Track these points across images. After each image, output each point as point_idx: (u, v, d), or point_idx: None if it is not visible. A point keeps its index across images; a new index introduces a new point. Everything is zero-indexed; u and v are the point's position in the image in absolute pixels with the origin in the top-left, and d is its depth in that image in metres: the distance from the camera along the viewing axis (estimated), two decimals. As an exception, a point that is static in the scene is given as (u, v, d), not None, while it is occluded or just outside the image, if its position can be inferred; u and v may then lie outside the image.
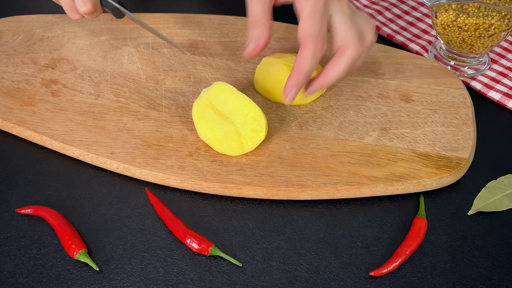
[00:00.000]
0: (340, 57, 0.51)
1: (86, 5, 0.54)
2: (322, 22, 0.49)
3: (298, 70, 0.49)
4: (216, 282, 0.46)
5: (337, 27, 0.50)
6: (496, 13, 0.58)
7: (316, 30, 0.48)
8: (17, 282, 0.46)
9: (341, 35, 0.50)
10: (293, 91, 0.50)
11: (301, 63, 0.49)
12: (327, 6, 0.49)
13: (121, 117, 0.57)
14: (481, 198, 0.53)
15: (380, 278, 0.47)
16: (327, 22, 0.50)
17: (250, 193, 0.51)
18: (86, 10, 0.54)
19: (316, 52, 0.49)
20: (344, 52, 0.50)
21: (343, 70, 0.51)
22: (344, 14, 0.50)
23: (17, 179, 0.54)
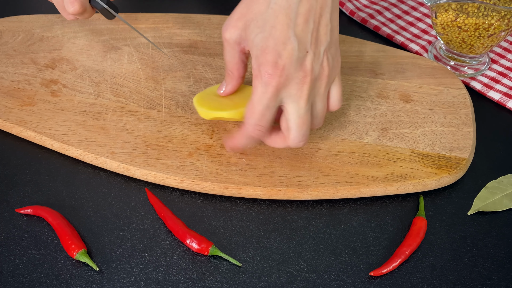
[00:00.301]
0: (280, 140, 0.49)
1: (73, 6, 0.53)
2: (265, 112, 0.45)
3: (233, 141, 0.49)
4: (216, 282, 0.46)
5: (286, 117, 0.47)
6: (496, 13, 0.58)
7: (254, 121, 0.46)
8: (17, 282, 0.46)
9: (284, 127, 0.47)
10: (228, 148, 0.51)
11: (235, 139, 0.49)
12: (279, 93, 0.45)
13: (121, 117, 0.57)
14: (481, 198, 0.53)
15: (380, 278, 0.47)
16: (275, 108, 0.46)
17: (250, 193, 0.51)
18: (74, 10, 0.53)
19: (250, 138, 0.47)
20: (285, 140, 0.48)
21: (278, 147, 0.50)
22: (299, 106, 0.45)
23: (17, 179, 0.54)
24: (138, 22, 0.69)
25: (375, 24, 0.74)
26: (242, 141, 0.48)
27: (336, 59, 0.47)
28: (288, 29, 0.43)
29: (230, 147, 0.50)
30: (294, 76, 0.44)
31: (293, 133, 0.47)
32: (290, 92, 0.45)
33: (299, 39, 0.44)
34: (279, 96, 0.45)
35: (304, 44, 0.44)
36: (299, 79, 0.44)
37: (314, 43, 0.45)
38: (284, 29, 0.43)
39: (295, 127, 0.47)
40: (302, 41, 0.44)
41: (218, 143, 0.54)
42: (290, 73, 0.44)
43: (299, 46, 0.44)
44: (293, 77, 0.44)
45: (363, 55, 0.65)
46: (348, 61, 0.64)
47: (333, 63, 0.47)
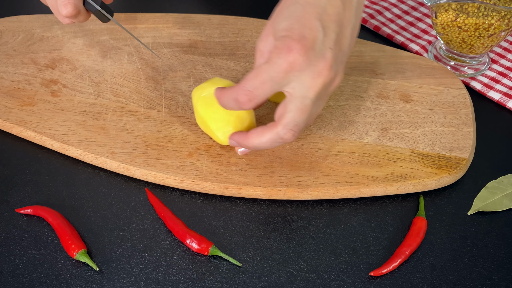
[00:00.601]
0: (268, 130, 0.45)
1: (67, 8, 0.51)
2: (266, 84, 0.42)
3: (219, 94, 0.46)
4: (216, 282, 0.46)
5: (285, 102, 0.44)
6: (496, 13, 0.58)
7: (249, 86, 0.43)
8: (17, 282, 0.46)
9: (280, 112, 0.44)
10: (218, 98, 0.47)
11: (222, 93, 0.46)
12: (291, 74, 0.42)
13: (121, 117, 0.57)
14: (481, 198, 0.53)
15: (380, 278, 0.47)
16: (276, 86, 0.43)
17: (250, 193, 0.51)
18: (67, 12, 0.52)
19: (235, 100, 0.44)
20: (274, 127, 0.45)
21: (264, 144, 0.46)
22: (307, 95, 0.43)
23: (17, 179, 0.54)
24: (138, 22, 0.69)
25: (375, 24, 0.74)
26: (224, 99, 0.45)
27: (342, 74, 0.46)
28: (315, 19, 0.42)
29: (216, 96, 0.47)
30: (313, 63, 0.42)
31: (288, 116, 0.44)
32: (302, 78, 0.42)
33: (325, 32, 0.43)
34: (289, 76, 0.42)
35: (329, 39, 0.43)
36: (317, 68, 0.42)
37: (337, 45, 0.44)
38: (312, 18, 0.42)
39: (294, 111, 0.43)
40: (327, 35, 0.43)
41: (218, 143, 0.54)
42: (310, 58, 0.42)
43: (324, 38, 0.42)
44: (312, 64, 0.42)
45: (363, 55, 0.65)
46: (348, 61, 0.64)
47: (341, 76, 0.46)
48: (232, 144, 0.50)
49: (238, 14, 0.72)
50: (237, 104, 0.44)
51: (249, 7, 0.78)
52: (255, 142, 0.47)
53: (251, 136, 0.47)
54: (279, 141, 0.45)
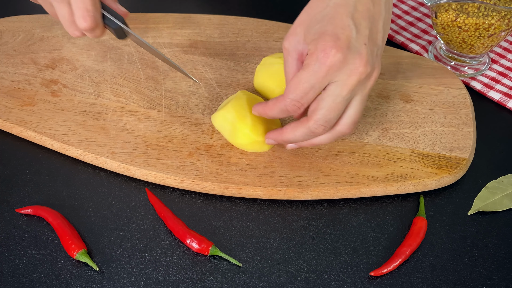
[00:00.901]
0: (301, 124, 0.47)
1: (86, 21, 0.50)
2: (309, 91, 0.44)
3: (265, 108, 0.49)
4: (216, 282, 0.46)
5: (319, 98, 0.45)
6: (496, 13, 0.58)
7: (295, 96, 0.45)
8: (17, 282, 0.46)
9: (313, 108, 0.46)
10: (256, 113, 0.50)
11: (268, 107, 0.48)
12: (330, 75, 0.44)
13: (121, 117, 0.57)
14: (481, 198, 0.53)
15: (380, 278, 0.47)
16: (319, 90, 0.45)
17: (250, 193, 0.51)
18: (86, 26, 0.50)
19: (285, 111, 0.47)
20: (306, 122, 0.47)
21: (298, 137, 0.48)
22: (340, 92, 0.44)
23: (17, 179, 0.54)
24: (138, 22, 0.69)
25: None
26: (274, 112, 0.48)
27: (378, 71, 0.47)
28: (347, 18, 0.44)
29: (259, 111, 0.50)
30: (350, 61, 0.43)
31: (320, 113, 0.45)
32: (339, 77, 0.44)
33: (358, 29, 0.44)
34: (329, 78, 0.44)
35: (362, 36, 0.44)
36: (353, 66, 0.44)
37: (371, 40, 0.45)
38: (344, 18, 0.44)
39: (325, 108, 0.45)
40: (361, 32, 0.44)
41: (218, 143, 0.54)
42: (346, 57, 0.43)
43: (357, 35, 0.44)
44: (348, 63, 0.43)
45: (363, 55, 0.65)
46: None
47: (378, 71, 0.46)
48: (269, 143, 0.52)
49: (238, 14, 0.72)
50: (287, 113, 0.47)
51: (249, 7, 0.78)
52: (289, 136, 0.48)
53: (286, 131, 0.49)
54: (312, 135, 0.47)
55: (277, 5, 0.78)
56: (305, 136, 0.48)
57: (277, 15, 0.75)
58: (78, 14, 0.50)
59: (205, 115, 0.57)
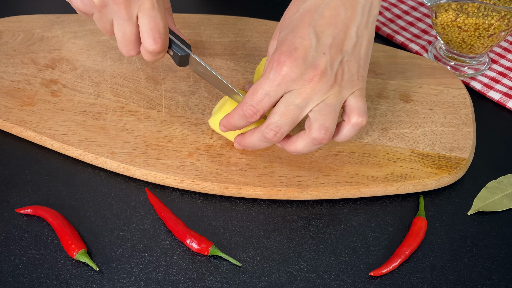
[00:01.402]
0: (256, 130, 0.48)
1: (157, 43, 0.48)
2: (264, 98, 0.45)
3: (227, 118, 0.49)
4: (216, 282, 0.46)
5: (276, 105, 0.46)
6: (496, 13, 0.59)
7: (252, 103, 0.45)
8: (17, 282, 0.46)
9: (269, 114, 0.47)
10: (222, 129, 0.51)
11: (230, 115, 0.48)
12: (284, 85, 0.44)
13: (121, 117, 0.57)
14: (481, 198, 0.53)
15: (380, 278, 0.47)
16: (275, 98, 0.45)
17: (250, 193, 0.51)
18: (156, 48, 0.48)
19: (245, 117, 0.46)
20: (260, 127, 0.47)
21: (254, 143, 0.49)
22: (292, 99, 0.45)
23: (17, 179, 0.54)
24: (138, 22, 0.69)
25: (375, 24, 0.74)
26: (234, 118, 0.48)
27: (357, 77, 0.46)
28: (309, 27, 0.44)
29: (224, 124, 0.50)
30: (305, 72, 0.44)
31: (271, 118, 0.46)
32: (293, 86, 0.44)
33: (318, 38, 0.44)
34: (283, 87, 0.44)
35: (323, 45, 0.44)
36: (308, 76, 0.44)
37: (334, 48, 0.44)
38: (305, 27, 0.44)
39: (277, 114, 0.45)
40: (321, 41, 0.44)
41: (218, 143, 0.54)
42: (301, 68, 0.43)
43: (317, 45, 0.44)
44: (303, 73, 0.44)
45: (363, 55, 0.65)
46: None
47: (351, 77, 0.46)
48: (237, 147, 0.52)
49: (238, 14, 0.72)
50: (246, 119, 0.47)
51: (249, 7, 0.78)
52: (247, 141, 0.49)
53: (246, 135, 0.50)
54: (264, 140, 0.47)
55: (277, 5, 0.78)
56: (260, 141, 0.48)
57: (277, 15, 0.75)
58: (149, 35, 0.48)
59: (205, 115, 0.57)
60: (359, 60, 0.46)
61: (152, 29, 0.48)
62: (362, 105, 0.47)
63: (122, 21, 0.48)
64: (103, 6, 0.47)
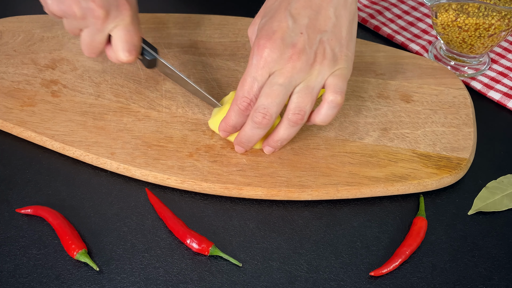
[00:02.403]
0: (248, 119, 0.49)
1: (132, 55, 0.52)
2: (253, 84, 0.47)
3: (224, 121, 0.51)
4: (216, 282, 0.46)
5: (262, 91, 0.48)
6: (496, 13, 0.59)
7: (244, 93, 0.47)
8: (17, 282, 0.46)
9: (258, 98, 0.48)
10: (223, 133, 0.52)
11: (227, 116, 0.50)
12: (268, 67, 0.46)
13: (121, 118, 0.57)
14: (481, 198, 0.53)
15: (380, 278, 0.47)
16: (262, 82, 0.47)
17: (251, 193, 0.51)
18: (129, 59, 0.52)
19: (240, 111, 0.48)
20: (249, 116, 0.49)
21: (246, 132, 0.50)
22: (276, 79, 0.46)
23: (17, 179, 0.54)
24: (138, 22, 0.69)
25: (375, 24, 0.74)
26: (231, 117, 0.49)
27: (340, 56, 0.48)
28: (285, 11, 0.47)
29: (223, 128, 0.51)
30: (284, 52, 0.46)
31: (258, 101, 0.47)
32: (276, 67, 0.46)
33: (295, 19, 0.47)
34: (267, 69, 0.46)
35: (299, 26, 0.46)
36: (287, 55, 0.46)
37: (311, 28, 0.46)
38: (282, 11, 0.47)
39: (263, 96, 0.47)
40: (298, 22, 0.46)
41: (218, 143, 0.54)
42: (281, 48, 0.46)
43: (294, 26, 0.46)
44: (283, 53, 0.46)
45: (363, 55, 0.65)
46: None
47: (333, 57, 0.47)
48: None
49: (238, 14, 0.72)
50: (241, 113, 0.49)
51: (249, 7, 0.78)
52: (241, 134, 0.50)
53: (242, 129, 0.51)
54: (255, 126, 0.48)
55: (277, 5, 0.78)
56: (252, 129, 0.49)
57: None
58: (123, 47, 0.51)
59: (205, 116, 0.57)
60: (341, 39, 0.48)
61: (127, 42, 0.51)
62: (340, 83, 0.48)
63: (95, 31, 0.50)
64: (82, 17, 0.49)
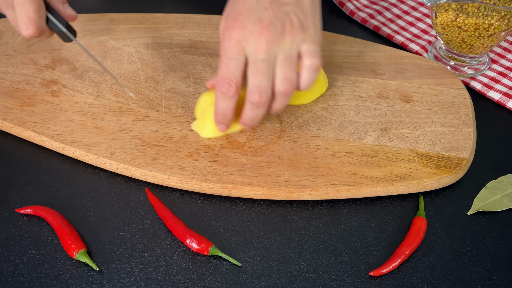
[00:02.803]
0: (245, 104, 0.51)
1: (28, 29, 0.50)
2: (230, 63, 0.49)
3: (215, 112, 0.52)
4: (215, 282, 0.46)
5: (248, 72, 0.49)
6: (496, 13, 0.59)
7: (223, 75, 0.49)
8: (17, 282, 0.46)
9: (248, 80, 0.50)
10: (220, 127, 0.53)
11: (215, 106, 0.51)
12: (241, 45, 0.48)
13: (121, 118, 0.57)
14: (481, 198, 0.53)
15: (380, 278, 0.47)
16: (238, 61, 0.49)
17: (250, 193, 0.51)
18: (29, 34, 0.50)
19: (224, 94, 0.50)
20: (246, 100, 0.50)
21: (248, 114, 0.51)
22: (256, 56, 0.48)
23: (17, 179, 0.54)
24: (138, 23, 0.69)
25: (375, 24, 0.74)
26: (218, 100, 0.51)
27: (308, 25, 0.50)
28: None
29: (216, 121, 0.53)
30: (253, 28, 0.48)
31: (249, 83, 0.49)
32: (250, 45, 0.48)
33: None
34: (240, 47, 0.48)
35: (263, 2, 0.48)
36: (256, 31, 0.48)
37: (275, 3, 0.49)
38: None
39: (251, 76, 0.48)
40: (261, 0, 0.49)
41: (218, 143, 0.54)
42: (248, 26, 0.48)
43: (257, 3, 0.48)
44: (251, 30, 0.48)
45: (363, 55, 0.65)
46: (348, 61, 0.64)
47: (301, 25, 0.49)
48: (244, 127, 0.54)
49: (238, 14, 0.72)
50: (226, 95, 0.50)
51: (249, 7, 0.78)
52: (243, 117, 0.51)
53: (242, 114, 0.52)
54: (255, 106, 0.50)
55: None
56: (252, 110, 0.50)
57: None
58: (21, 21, 0.50)
59: (205, 115, 0.57)
60: (305, 10, 0.50)
61: (22, 15, 0.50)
62: (313, 47, 0.49)
63: (4, 8, 0.51)
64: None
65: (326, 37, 0.67)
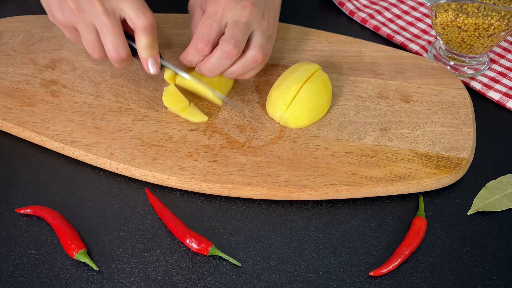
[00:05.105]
0: (215, 51, 0.52)
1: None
2: (212, 24, 0.53)
3: (183, 55, 0.55)
4: (215, 282, 0.46)
5: (227, 28, 0.53)
6: (496, 13, 0.59)
7: (203, 33, 0.53)
8: (17, 282, 0.46)
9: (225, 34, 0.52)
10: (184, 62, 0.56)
11: (186, 52, 0.54)
12: (225, 14, 0.53)
13: (120, 118, 0.57)
14: (481, 198, 0.53)
15: (380, 278, 0.47)
16: (219, 26, 0.53)
17: (250, 193, 0.51)
18: (118, 57, 0.53)
19: (199, 51, 0.53)
20: (218, 47, 0.52)
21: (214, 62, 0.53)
22: (239, 20, 0.53)
23: (17, 179, 0.54)
24: (138, 23, 0.69)
25: (375, 24, 0.74)
26: (189, 54, 0.54)
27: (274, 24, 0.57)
28: None
29: (182, 59, 0.55)
30: (239, 1, 0.53)
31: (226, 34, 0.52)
32: (234, 12, 0.53)
33: None
34: (226, 14, 0.53)
35: None
36: (242, 4, 0.53)
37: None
38: None
39: (230, 29, 0.52)
40: None
41: (218, 143, 0.54)
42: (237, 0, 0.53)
43: None
44: (238, 2, 0.53)
45: (363, 55, 0.65)
46: (348, 61, 0.64)
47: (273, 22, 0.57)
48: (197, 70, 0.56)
49: (238, 14, 0.72)
50: (198, 52, 0.53)
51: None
52: (207, 64, 0.53)
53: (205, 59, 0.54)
54: (225, 56, 0.52)
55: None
56: (220, 59, 0.52)
57: (277, 15, 0.75)
58: (110, 46, 0.52)
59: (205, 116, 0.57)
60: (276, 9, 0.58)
61: (112, 40, 0.52)
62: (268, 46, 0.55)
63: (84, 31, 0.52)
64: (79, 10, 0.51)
65: (326, 37, 0.67)
